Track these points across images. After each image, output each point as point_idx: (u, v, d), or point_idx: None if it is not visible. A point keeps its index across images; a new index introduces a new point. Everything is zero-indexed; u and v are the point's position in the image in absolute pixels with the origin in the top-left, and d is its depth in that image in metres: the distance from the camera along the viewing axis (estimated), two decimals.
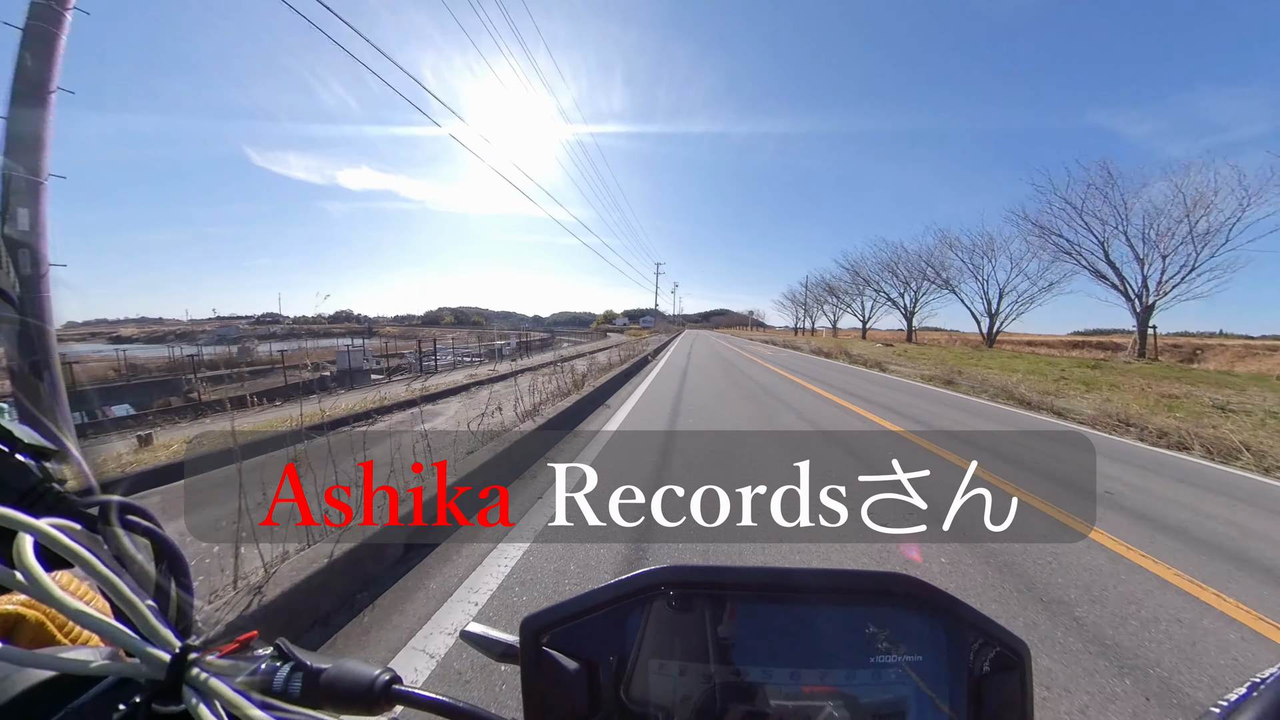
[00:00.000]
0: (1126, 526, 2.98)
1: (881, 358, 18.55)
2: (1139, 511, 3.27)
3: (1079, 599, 2.11)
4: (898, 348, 31.39)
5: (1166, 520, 3.13)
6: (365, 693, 0.33)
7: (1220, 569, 2.47)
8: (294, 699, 0.33)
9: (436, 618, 1.88)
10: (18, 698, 0.29)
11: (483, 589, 2.08)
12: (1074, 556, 2.52)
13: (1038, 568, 2.37)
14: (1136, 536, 2.83)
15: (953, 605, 0.33)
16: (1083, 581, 2.27)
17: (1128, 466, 4.49)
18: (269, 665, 0.34)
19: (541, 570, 2.24)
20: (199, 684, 0.30)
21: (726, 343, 35.60)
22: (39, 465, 0.33)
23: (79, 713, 0.29)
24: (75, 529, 0.29)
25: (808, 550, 2.51)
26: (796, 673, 0.32)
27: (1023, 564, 2.41)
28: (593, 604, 0.35)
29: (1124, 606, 2.08)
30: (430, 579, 2.16)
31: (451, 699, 0.35)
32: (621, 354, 13.83)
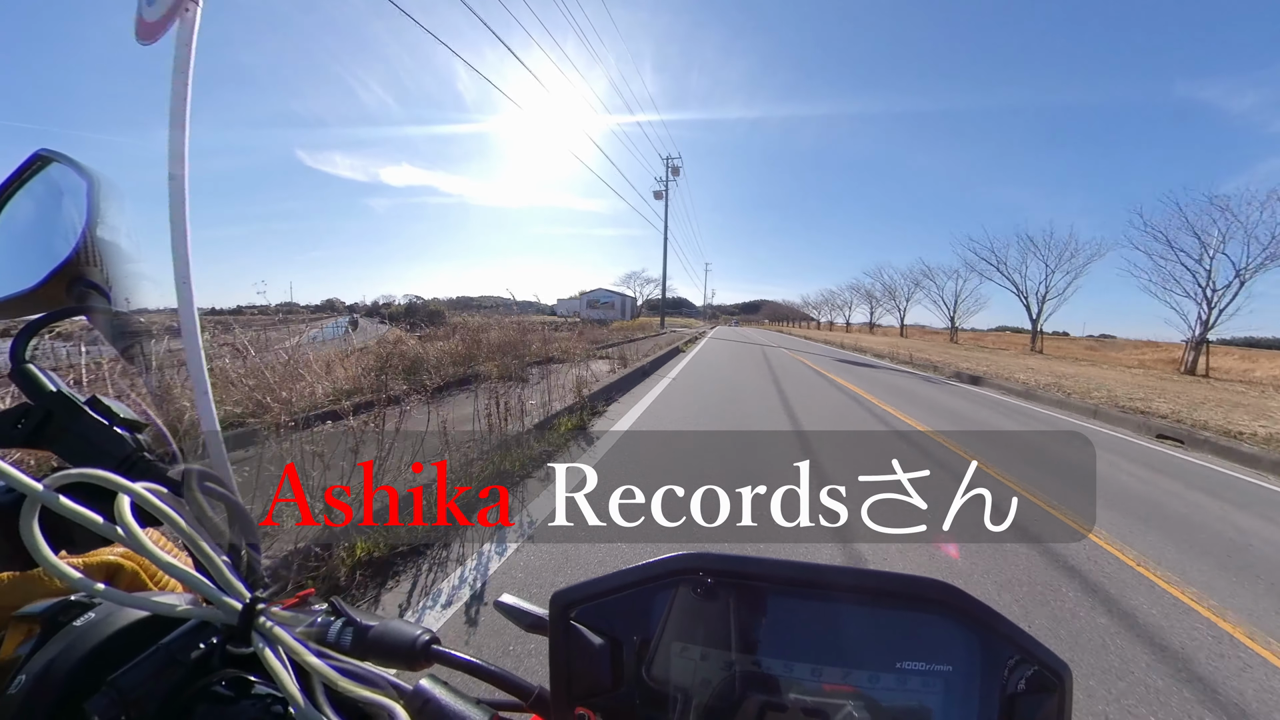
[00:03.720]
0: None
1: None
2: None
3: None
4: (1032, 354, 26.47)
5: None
6: (407, 649, 0.36)
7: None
8: (344, 650, 0.37)
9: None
10: (119, 633, 0.33)
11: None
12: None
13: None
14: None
15: (991, 618, 0.31)
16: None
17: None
18: (324, 619, 0.38)
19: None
20: (265, 631, 0.34)
21: (799, 357, 16.04)
22: (133, 437, 0.37)
23: (167, 649, 0.33)
24: (163, 492, 0.33)
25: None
26: (818, 669, 0.32)
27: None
28: (621, 584, 0.36)
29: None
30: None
31: (484, 662, 0.38)
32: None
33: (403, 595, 2.06)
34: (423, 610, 1.95)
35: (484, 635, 1.81)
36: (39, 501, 0.28)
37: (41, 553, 0.27)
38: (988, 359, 19.44)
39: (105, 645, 0.33)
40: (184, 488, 0.35)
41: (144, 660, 0.32)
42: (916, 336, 51.05)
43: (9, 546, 0.29)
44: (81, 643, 0.32)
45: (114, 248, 0.38)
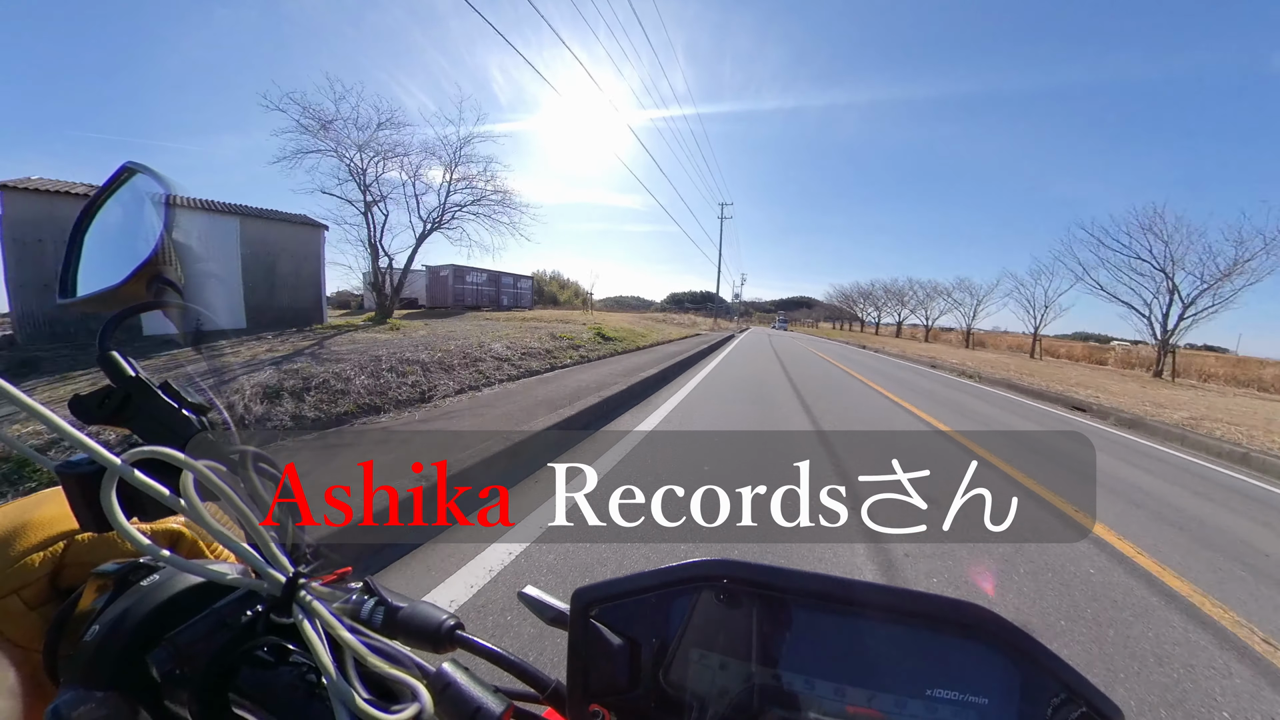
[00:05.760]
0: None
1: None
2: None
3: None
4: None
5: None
6: (433, 632, 0.38)
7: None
8: (375, 627, 0.39)
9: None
10: (178, 595, 0.37)
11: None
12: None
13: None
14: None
15: (1036, 651, 0.29)
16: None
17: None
18: (358, 597, 0.41)
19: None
20: (305, 604, 0.36)
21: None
22: (198, 418, 0.41)
23: (219, 613, 0.37)
24: (222, 470, 0.36)
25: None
26: (842, 689, 0.30)
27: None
28: (643, 585, 0.35)
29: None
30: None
31: (505, 650, 0.40)
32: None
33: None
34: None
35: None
36: (117, 474, 0.31)
37: (117, 519, 0.31)
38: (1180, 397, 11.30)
39: (166, 605, 0.36)
40: (240, 467, 0.39)
41: (198, 621, 0.35)
42: (941, 340, 47.04)
43: (90, 511, 0.32)
44: (146, 601, 0.36)
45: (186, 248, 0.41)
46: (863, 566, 2.41)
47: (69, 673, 0.35)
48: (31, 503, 0.41)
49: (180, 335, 0.43)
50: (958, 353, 27.60)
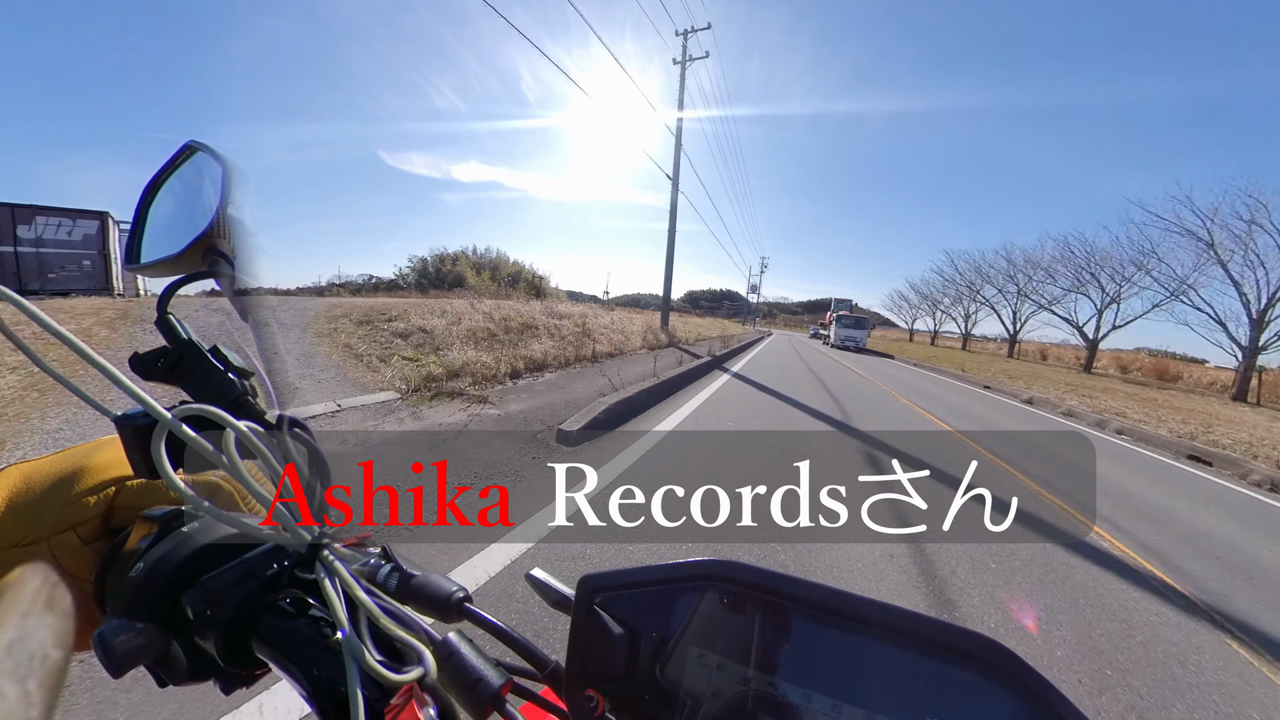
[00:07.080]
0: None
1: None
2: None
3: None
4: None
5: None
6: (443, 602, 0.40)
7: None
8: (389, 592, 0.41)
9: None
10: (214, 543, 0.40)
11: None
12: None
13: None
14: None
15: (1046, 692, 0.27)
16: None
17: None
18: (376, 561, 0.43)
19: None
20: (327, 563, 0.39)
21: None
22: (241, 382, 0.44)
23: (248, 563, 0.39)
24: (260, 431, 0.38)
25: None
26: (839, 706, 0.30)
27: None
28: (648, 579, 0.36)
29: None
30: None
31: (509, 627, 0.41)
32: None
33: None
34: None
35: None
36: (167, 428, 0.34)
37: (164, 468, 0.33)
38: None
39: (202, 551, 0.39)
40: (276, 430, 0.41)
41: (230, 569, 0.38)
42: (979, 350, 44.04)
43: (142, 459, 0.35)
44: (186, 546, 0.39)
45: (239, 223, 0.44)
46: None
47: (115, 603, 0.38)
48: (90, 448, 0.45)
49: (230, 303, 0.45)
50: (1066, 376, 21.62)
